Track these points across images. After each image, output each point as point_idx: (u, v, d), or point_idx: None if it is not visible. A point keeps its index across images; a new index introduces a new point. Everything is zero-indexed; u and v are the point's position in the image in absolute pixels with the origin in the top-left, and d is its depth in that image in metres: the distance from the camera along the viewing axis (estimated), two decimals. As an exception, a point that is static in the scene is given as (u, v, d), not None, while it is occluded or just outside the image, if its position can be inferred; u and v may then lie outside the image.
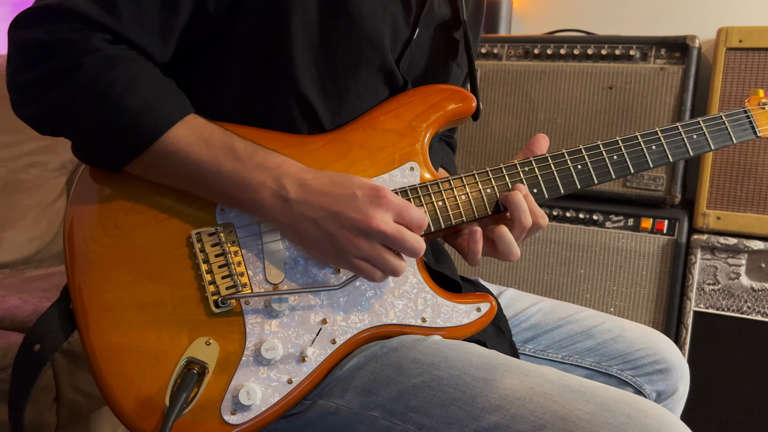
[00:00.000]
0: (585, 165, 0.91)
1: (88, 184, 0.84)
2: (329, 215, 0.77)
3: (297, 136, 0.87)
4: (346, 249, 0.77)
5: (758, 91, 1.04)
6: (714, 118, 0.98)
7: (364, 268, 0.79)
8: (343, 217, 0.76)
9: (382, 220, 0.76)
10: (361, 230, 0.76)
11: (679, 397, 1.06)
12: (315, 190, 0.78)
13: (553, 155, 0.91)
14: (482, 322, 0.86)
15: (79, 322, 0.80)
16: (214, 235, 0.82)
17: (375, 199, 0.76)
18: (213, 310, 0.80)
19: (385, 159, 0.87)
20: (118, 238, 0.82)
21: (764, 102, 1.02)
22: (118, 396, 0.78)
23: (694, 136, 0.96)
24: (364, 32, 0.86)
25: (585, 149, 0.92)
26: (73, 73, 0.75)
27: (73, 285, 0.81)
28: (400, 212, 0.78)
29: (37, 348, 0.81)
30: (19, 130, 2.00)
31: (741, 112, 1.01)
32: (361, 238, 0.77)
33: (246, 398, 0.78)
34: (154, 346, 0.79)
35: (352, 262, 0.78)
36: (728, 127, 0.99)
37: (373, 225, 0.76)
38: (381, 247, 0.78)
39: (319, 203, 0.77)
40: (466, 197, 0.87)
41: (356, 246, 0.77)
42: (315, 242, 0.79)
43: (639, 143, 0.94)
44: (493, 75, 1.94)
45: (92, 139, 0.79)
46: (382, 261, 0.78)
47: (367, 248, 0.77)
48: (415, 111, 0.90)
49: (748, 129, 1.00)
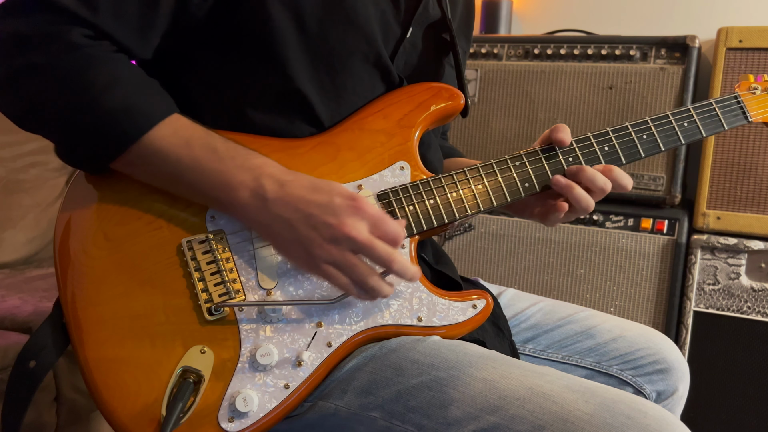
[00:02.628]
0: (576, 158, 0.91)
1: (76, 196, 0.83)
2: (304, 218, 0.76)
3: (285, 140, 0.87)
4: (316, 252, 0.76)
5: (748, 76, 1.04)
6: (705, 104, 0.98)
7: (332, 274, 0.77)
8: (317, 220, 0.76)
9: (354, 227, 0.75)
10: (333, 235, 0.75)
11: (679, 397, 1.06)
12: (294, 192, 0.77)
13: (544, 149, 0.91)
14: (479, 318, 0.86)
15: (73, 335, 0.80)
16: (205, 243, 0.81)
17: (351, 207, 0.76)
18: (206, 318, 0.79)
19: (375, 160, 0.87)
20: (109, 249, 0.81)
21: (754, 87, 1.02)
22: (114, 408, 0.78)
23: (685, 124, 0.96)
24: (359, 27, 0.86)
25: (575, 142, 0.92)
26: (50, 70, 0.75)
27: (65, 298, 0.81)
28: (376, 223, 0.77)
29: (32, 365, 0.81)
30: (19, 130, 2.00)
31: (731, 98, 1.00)
32: (332, 244, 0.76)
33: (243, 405, 0.77)
34: (148, 356, 0.78)
35: (321, 266, 0.77)
36: (719, 114, 0.98)
37: (345, 230, 0.75)
38: (350, 254, 0.76)
39: (295, 205, 0.77)
40: (458, 194, 0.87)
41: (326, 251, 0.76)
42: (288, 244, 0.78)
43: (630, 133, 0.94)
44: (493, 75, 1.94)
45: (70, 140, 0.78)
46: (350, 268, 0.76)
47: (336, 254, 0.76)
48: (403, 110, 0.89)
49: (739, 114, 0.99)
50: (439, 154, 1.02)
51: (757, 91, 1.01)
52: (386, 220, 0.77)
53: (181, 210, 0.82)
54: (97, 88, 0.75)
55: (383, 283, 0.78)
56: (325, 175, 0.85)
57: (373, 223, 0.76)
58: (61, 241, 0.82)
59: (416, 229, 0.85)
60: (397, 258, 0.77)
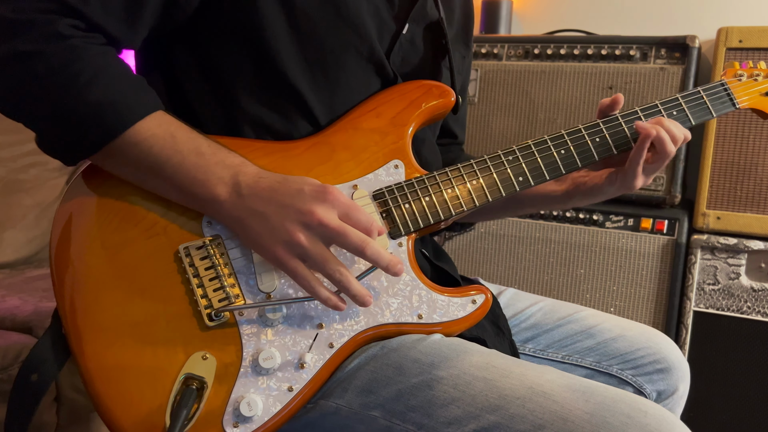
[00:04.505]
0: (568, 149, 0.92)
1: (71, 204, 0.83)
2: (276, 209, 0.76)
3: (280, 143, 0.87)
4: (286, 244, 0.76)
5: (734, 63, 1.04)
6: (692, 93, 0.99)
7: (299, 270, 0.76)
8: (289, 209, 0.76)
9: (325, 214, 0.75)
10: (305, 222, 0.75)
11: (679, 397, 1.06)
12: (267, 185, 0.78)
13: (536, 141, 0.91)
14: (478, 314, 0.86)
15: (73, 346, 0.79)
16: (203, 248, 0.81)
17: (321, 195, 0.76)
18: (207, 324, 0.79)
19: (369, 159, 0.87)
20: (106, 257, 0.80)
21: (740, 74, 1.02)
22: (117, 417, 0.77)
23: (674, 113, 0.97)
24: (350, 21, 0.86)
25: (567, 134, 0.92)
26: (34, 59, 0.74)
27: (63, 309, 0.80)
28: (347, 212, 0.77)
29: (34, 378, 0.80)
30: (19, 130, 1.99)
31: (718, 85, 1.01)
32: (303, 232, 0.75)
33: (247, 410, 0.77)
34: (150, 364, 0.78)
35: (290, 262, 0.76)
36: (707, 101, 0.99)
37: (316, 217, 0.75)
38: (322, 245, 0.76)
39: (268, 197, 0.77)
40: (453, 191, 0.87)
41: (297, 240, 0.75)
42: (258, 237, 0.77)
43: (620, 124, 0.95)
44: (493, 75, 1.94)
45: (51, 130, 0.78)
46: (322, 260, 0.76)
47: (308, 244, 0.75)
48: (395, 108, 0.90)
49: (727, 101, 1.00)
50: (435, 149, 1.03)
51: (743, 78, 1.02)
52: (357, 209, 0.77)
53: (178, 215, 0.82)
54: (82, 80, 0.75)
55: (353, 279, 0.77)
56: (321, 175, 0.85)
57: (344, 212, 0.77)
58: (57, 251, 0.81)
59: (413, 227, 0.85)
60: (370, 243, 0.76)
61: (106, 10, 0.77)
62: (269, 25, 0.83)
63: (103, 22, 0.77)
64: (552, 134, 0.92)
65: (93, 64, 0.76)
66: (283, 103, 0.87)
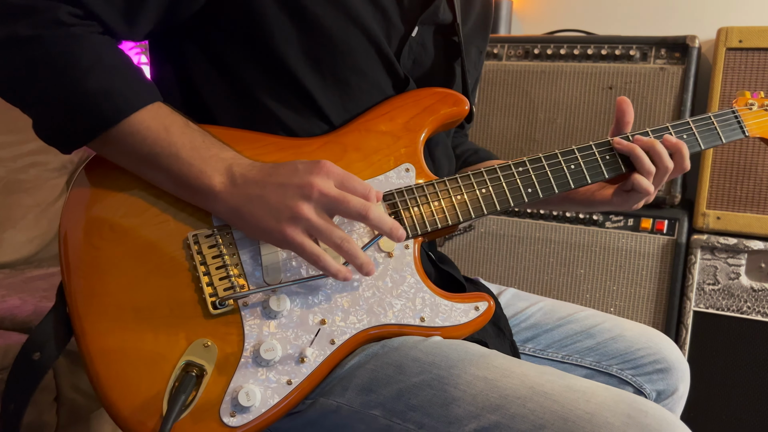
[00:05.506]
0: (578, 165, 0.92)
1: (83, 188, 0.84)
2: (274, 189, 0.76)
3: (292, 139, 0.87)
4: (290, 220, 0.76)
5: (744, 93, 1.06)
6: (703, 118, 1.00)
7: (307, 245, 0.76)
8: (287, 187, 0.76)
9: (323, 184, 0.76)
10: (305, 196, 0.75)
11: (679, 397, 1.06)
12: (259, 172, 0.78)
13: (547, 155, 0.92)
14: (480, 321, 0.86)
15: (75, 326, 0.80)
16: (211, 237, 0.81)
17: (315, 168, 0.76)
18: (211, 312, 0.80)
19: (381, 161, 0.88)
20: (114, 241, 0.81)
21: (751, 103, 1.04)
22: (115, 400, 0.78)
23: (684, 136, 0.97)
24: (355, 21, 0.86)
25: (578, 150, 0.93)
26: (32, 45, 0.74)
27: (69, 289, 0.81)
28: (342, 181, 0.77)
29: (36, 356, 0.80)
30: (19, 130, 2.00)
31: (729, 113, 1.02)
32: (305, 205, 0.75)
33: (245, 400, 0.78)
34: (151, 348, 0.78)
35: (296, 238, 0.76)
36: (717, 127, 1.00)
37: (315, 187, 0.75)
38: (326, 215, 0.77)
39: (263, 181, 0.77)
40: (462, 197, 0.88)
41: (300, 215, 0.75)
42: (262, 222, 0.77)
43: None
44: (493, 75, 1.95)
45: (48, 117, 0.78)
46: (327, 231, 0.76)
47: (313, 216, 0.76)
48: (409, 113, 0.90)
49: (737, 129, 1.01)
50: (448, 152, 1.03)
51: (754, 107, 1.04)
52: (352, 177, 0.78)
53: (187, 205, 0.82)
54: (79, 68, 0.75)
55: (359, 248, 0.77)
56: None
57: (339, 181, 0.77)
58: (66, 232, 0.82)
59: (420, 231, 0.86)
60: (372, 207, 0.77)
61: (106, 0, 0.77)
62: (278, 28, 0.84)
63: (100, 11, 0.77)
64: (563, 149, 0.93)
65: (92, 53, 0.76)
66: (295, 102, 0.87)
